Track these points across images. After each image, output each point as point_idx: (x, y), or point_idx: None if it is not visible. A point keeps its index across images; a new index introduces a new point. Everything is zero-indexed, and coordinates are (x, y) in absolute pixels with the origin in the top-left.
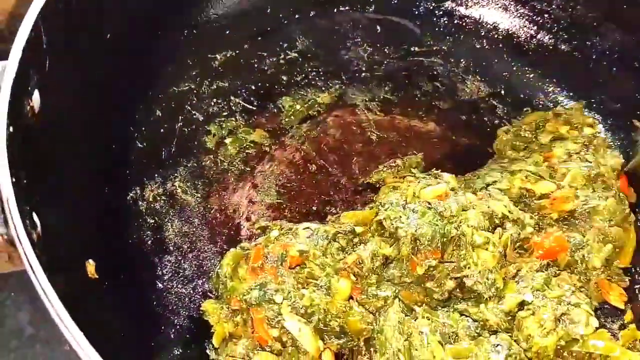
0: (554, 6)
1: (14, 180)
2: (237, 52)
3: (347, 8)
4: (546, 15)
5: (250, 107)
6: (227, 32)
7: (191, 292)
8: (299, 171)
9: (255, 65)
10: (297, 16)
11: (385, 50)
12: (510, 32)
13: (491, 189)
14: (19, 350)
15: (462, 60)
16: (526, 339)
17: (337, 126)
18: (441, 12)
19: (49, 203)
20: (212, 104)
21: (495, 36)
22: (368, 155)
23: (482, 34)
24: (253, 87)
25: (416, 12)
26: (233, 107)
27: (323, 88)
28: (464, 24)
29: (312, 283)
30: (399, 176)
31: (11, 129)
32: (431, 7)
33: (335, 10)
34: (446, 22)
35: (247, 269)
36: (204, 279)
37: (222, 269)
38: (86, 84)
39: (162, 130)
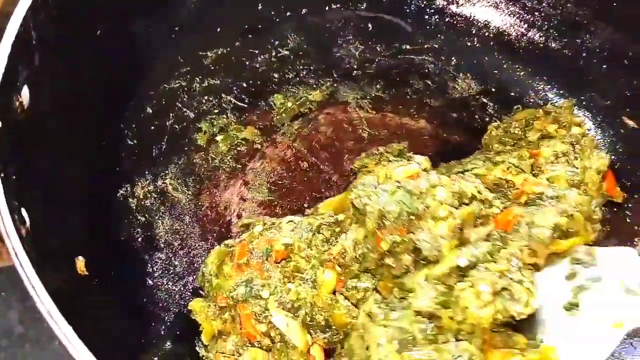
0: (544, 4)
1: (2, 175)
2: (228, 49)
3: (338, 6)
4: (537, 14)
5: (242, 104)
6: (218, 29)
7: (182, 289)
8: (291, 168)
9: (247, 63)
10: (288, 14)
11: (377, 48)
12: (501, 30)
13: (466, 174)
14: (8, 349)
15: (453, 58)
16: (462, 311)
17: (328, 124)
18: (432, 10)
19: (38, 199)
20: (203, 101)
21: (486, 34)
22: (359, 152)
23: (473, 32)
24: (244, 85)
25: (407, 10)
26: (224, 105)
27: (314, 86)
28: (455, 22)
29: (298, 277)
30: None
31: (0, 124)
32: (422, 5)
33: (327, 8)
34: (437, 20)
35: (233, 266)
36: (194, 276)
37: (207, 267)
38: (76, 80)
39: (152, 128)
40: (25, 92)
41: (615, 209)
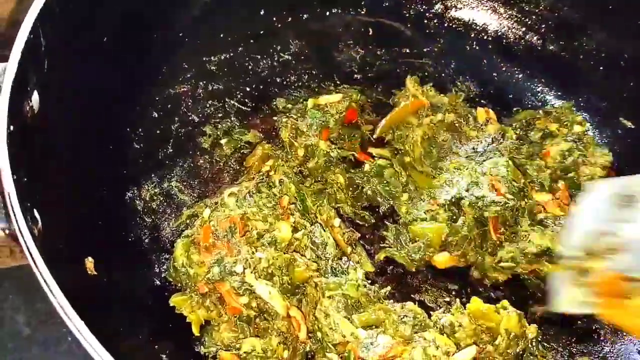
0: (541, 8)
1: (15, 177)
2: (232, 54)
3: (339, 11)
4: (534, 17)
5: (245, 108)
6: (222, 35)
7: None
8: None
9: (250, 68)
10: (290, 19)
11: (377, 52)
12: (499, 33)
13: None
14: (15, 352)
15: (452, 61)
16: None
17: None
18: (431, 15)
19: (48, 201)
20: (208, 105)
21: (485, 38)
22: None
23: (472, 35)
24: (247, 89)
25: (407, 15)
26: (228, 109)
27: (316, 89)
28: (453, 26)
29: (260, 243)
30: None
31: (11, 128)
32: (422, 10)
33: (327, 13)
34: (436, 24)
35: (200, 251)
36: None
37: (177, 261)
38: (84, 85)
39: (158, 132)
40: (35, 97)
41: None
